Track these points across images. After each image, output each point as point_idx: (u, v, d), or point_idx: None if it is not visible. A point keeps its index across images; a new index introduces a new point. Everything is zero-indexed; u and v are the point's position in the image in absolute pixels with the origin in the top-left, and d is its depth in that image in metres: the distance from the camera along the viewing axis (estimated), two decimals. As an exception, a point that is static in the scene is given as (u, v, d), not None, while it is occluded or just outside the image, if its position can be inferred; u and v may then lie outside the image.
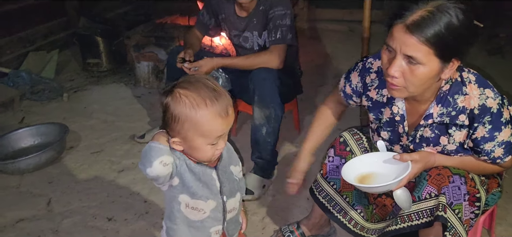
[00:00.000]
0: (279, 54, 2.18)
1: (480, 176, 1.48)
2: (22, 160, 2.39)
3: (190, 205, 1.21)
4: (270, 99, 2.09)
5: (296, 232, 1.85)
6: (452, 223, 1.37)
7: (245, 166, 2.44)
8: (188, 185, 1.19)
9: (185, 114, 1.12)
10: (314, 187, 1.73)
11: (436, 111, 1.37)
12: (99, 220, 2.06)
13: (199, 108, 1.12)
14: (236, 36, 2.38)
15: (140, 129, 2.88)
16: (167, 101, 1.14)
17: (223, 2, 2.35)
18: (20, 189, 2.32)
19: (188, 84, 1.15)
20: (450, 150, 1.42)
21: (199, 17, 2.49)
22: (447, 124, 1.38)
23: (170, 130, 1.16)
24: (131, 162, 2.51)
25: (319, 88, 3.47)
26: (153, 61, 3.50)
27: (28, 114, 3.15)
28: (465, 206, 1.38)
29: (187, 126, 1.13)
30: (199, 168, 1.21)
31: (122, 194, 2.23)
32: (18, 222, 2.07)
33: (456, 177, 1.39)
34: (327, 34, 4.91)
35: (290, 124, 2.88)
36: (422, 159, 1.39)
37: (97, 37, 3.80)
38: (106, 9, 4.81)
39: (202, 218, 1.24)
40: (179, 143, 1.17)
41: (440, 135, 1.41)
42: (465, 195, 1.38)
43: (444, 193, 1.37)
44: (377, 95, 1.51)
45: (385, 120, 1.51)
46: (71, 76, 3.83)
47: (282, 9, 2.17)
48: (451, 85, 1.35)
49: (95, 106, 3.25)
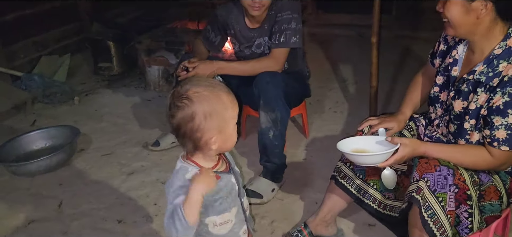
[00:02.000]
0: (280, 58, 2.19)
1: (472, 177, 1.47)
2: (33, 163, 2.42)
3: (218, 222, 1.21)
4: (275, 103, 2.10)
5: (304, 231, 1.86)
6: (431, 205, 1.40)
7: (254, 170, 2.45)
8: (214, 205, 1.19)
9: (211, 105, 1.12)
10: (336, 173, 1.79)
11: (480, 69, 1.43)
12: (108, 223, 2.08)
13: (217, 92, 1.14)
14: (247, 47, 2.37)
15: (150, 132, 2.90)
16: (190, 110, 1.11)
17: (232, 18, 2.35)
18: (31, 191, 2.34)
19: (188, 84, 1.15)
20: (470, 110, 1.45)
21: (205, 33, 2.48)
22: (480, 83, 1.42)
23: (201, 136, 1.13)
24: (141, 165, 2.53)
25: (328, 93, 3.47)
26: (163, 65, 3.53)
27: (40, 116, 3.20)
28: (450, 196, 1.40)
29: (216, 116, 1.13)
30: (222, 182, 1.20)
31: (132, 196, 2.25)
32: (30, 224, 2.09)
33: (444, 168, 1.42)
34: (336, 39, 4.91)
35: (299, 128, 2.88)
36: (411, 144, 1.46)
37: (108, 42, 3.84)
38: (118, 14, 4.87)
39: (231, 227, 1.24)
40: (216, 140, 1.15)
41: (471, 92, 1.46)
42: (451, 186, 1.41)
43: (426, 179, 1.41)
44: (451, 40, 1.63)
45: (445, 65, 1.61)
46: (83, 80, 3.88)
47: (289, 13, 2.18)
48: (503, 50, 1.40)
49: (105, 109, 3.28)
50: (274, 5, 2.21)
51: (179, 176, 1.15)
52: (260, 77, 2.13)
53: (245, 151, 2.63)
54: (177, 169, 1.18)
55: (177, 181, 1.14)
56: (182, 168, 1.17)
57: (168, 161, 2.55)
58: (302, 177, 2.37)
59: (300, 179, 2.35)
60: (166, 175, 2.41)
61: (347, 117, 3.05)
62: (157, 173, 2.44)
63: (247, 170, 2.47)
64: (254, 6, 2.14)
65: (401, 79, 3.69)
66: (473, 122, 1.46)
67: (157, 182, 2.36)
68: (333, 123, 2.96)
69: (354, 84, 3.63)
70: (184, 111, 1.11)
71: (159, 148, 2.64)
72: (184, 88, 1.14)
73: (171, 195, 1.13)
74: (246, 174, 2.43)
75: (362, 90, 3.43)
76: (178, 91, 1.14)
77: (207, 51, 2.49)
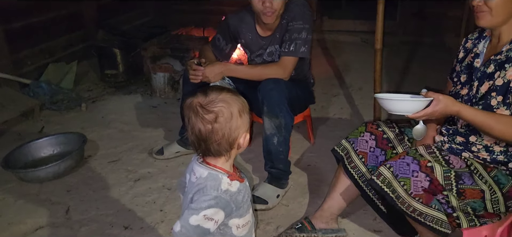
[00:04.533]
0: (288, 66, 2.21)
1: (447, 172, 1.54)
2: (41, 169, 2.44)
3: (241, 225, 1.26)
4: (278, 109, 2.11)
5: (305, 222, 1.94)
6: (391, 183, 1.53)
7: (259, 176, 2.46)
8: (240, 209, 1.24)
9: (238, 104, 1.20)
10: (348, 163, 1.83)
11: (507, 48, 1.50)
12: (115, 228, 2.09)
13: (233, 93, 1.21)
14: (259, 56, 2.38)
15: (156, 138, 2.93)
16: (229, 111, 1.18)
17: (243, 27, 2.36)
18: (39, 197, 2.36)
19: (209, 92, 1.20)
20: (498, 86, 1.49)
21: (215, 41, 2.48)
22: (508, 58, 1.48)
23: (237, 135, 1.20)
24: (147, 171, 2.55)
25: (333, 99, 3.48)
26: (169, 72, 3.56)
27: (48, 123, 3.23)
28: (414, 181, 1.52)
29: (244, 113, 1.21)
30: (243, 186, 1.25)
31: (139, 203, 2.27)
32: (38, 230, 2.11)
33: (409, 158, 1.56)
34: (340, 45, 4.93)
35: (304, 134, 2.90)
36: (444, 100, 1.46)
37: (114, 49, 3.88)
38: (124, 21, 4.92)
39: (249, 228, 1.30)
40: (245, 135, 1.23)
41: (497, 71, 1.50)
42: (414, 172, 1.53)
43: (388, 165, 1.56)
44: (470, 44, 1.70)
45: (466, 63, 1.66)
46: (89, 87, 3.92)
47: (301, 23, 2.19)
48: None
49: (112, 116, 3.31)
50: (286, 14, 2.23)
51: (212, 185, 1.19)
52: (264, 84, 2.15)
53: (250, 157, 2.64)
54: (204, 176, 1.21)
55: (212, 191, 1.18)
56: (212, 175, 1.21)
57: (174, 167, 2.57)
58: (307, 183, 2.38)
59: (305, 185, 2.37)
60: (172, 181, 2.43)
61: (352, 123, 3.06)
62: (163, 180, 2.46)
63: (252, 176, 2.48)
64: (266, 13, 2.14)
65: (405, 85, 3.70)
66: (501, 98, 1.49)
67: (164, 189, 2.38)
68: (338, 129, 2.97)
69: (358, 90, 3.64)
70: (224, 113, 1.17)
71: (162, 157, 2.66)
72: (211, 95, 1.19)
73: (203, 203, 1.16)
74: (251, 180, 2.45)
75: (366, 96, 3.45)
76: (204, 100, 1.19)
77: (215, 57, 2.50)
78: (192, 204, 1.18)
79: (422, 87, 1.56)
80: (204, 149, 1.21)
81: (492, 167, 1.57)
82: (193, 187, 1.21)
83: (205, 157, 1.24)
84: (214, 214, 1.17)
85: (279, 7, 2.14)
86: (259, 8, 2.15)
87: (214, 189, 1.17)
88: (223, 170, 1.22)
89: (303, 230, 1.92)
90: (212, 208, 1.16)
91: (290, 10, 2.22)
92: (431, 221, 1.48)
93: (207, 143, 1.18)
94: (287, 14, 2.22)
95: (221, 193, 1.18)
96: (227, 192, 1.19)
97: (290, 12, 2.22)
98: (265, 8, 2.12)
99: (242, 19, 2.36)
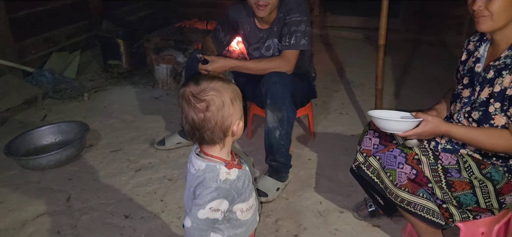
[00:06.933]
0: (291, 59, 2.22)
1: (433, 165, 1.56)
2: (43, 157, 2.45)
3: (244, 209, 1.28)
4: (282, 102, 2.12)
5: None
6: (379, 173, 1.60)
7: (259, 168, 2.48)
8: (242, 194, 1.26)
9: (231, 91, 1.19)
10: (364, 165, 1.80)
11: (505, 54, 1.51)
12: (116, 217, 2.11)
13: (224, 81, 1.21)
14: (257, 49, 2.40)
15: (158, 129, 2.94)
16: (220, 99, 1.17)
17: (242, 19, 2.38)
18: (41, 184, 2.38)
19: (201, 81, 1.20)
20: (496, 93, 1.50)
21: (215, 32, 2.52)
22: (506, 66, 1.49)
23: (230, 123, 1.20)
24: (148, 162, 2.57)
25: (334, 94, 3.49)
26: (172, 64, 3.57)
27: (50, 112, 3.25)
28: (399, 172, 1.56)
29: (236, 100, 1.20)
30: (242, 172, 1.26)
31: (139, 192, 2.29)
32: (38, 217, 2.13)
33: (397, 150, 1.60)
34: (342, 42, 4.93)
35: (305, 128, 2.91)
36: (433, 121, 1.49)
37: (118, 40, 3.89)
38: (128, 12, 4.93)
39: (254, 211, 1.33)
40: (238, 124, 1.22)
41: (497, 77, 1.51)
42: (400, 164, 1.57)
43: (378, 157, 1.63)
44: (472, 46, 1.70)
45: (468, 67, 1.67)
46: (92, 77, 3.93)
47: (298, 16, 2.20)
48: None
49: (114, 106, 3.33)
50: (283, 7, 2.24)
51: (211, 177, 1.20)
52: (268, 77, 2.16)
53: (251, 150, 2.66)
54: (202, 169, 1.22)
55: (212, 183, 1.19)
56: (210, 166, 1.21)
57: (175, 158, 2.59)
58: (307, 177, 2.40)
59: (305, 179, 2.38)
60: (173, 172, 2.45)
61: (353, 118, 3.07)
62: (164, 170, 2.48)
63: (253, 168, 2.50)
64: (258, 6, 2.16)
65: (407, 82, 3.70)
66: (498, 105, 1.50)
67: (165, 179, 2.39)
68: (339, 124, 2.99)
69: (360, 86, 3.65)
70: (215, 102, 1.17)
71: (164, 147, 2.68)
72: (202, 84, 1.18)
73: (206, 196, 1.18)
74: (252, 172, 2.46)
75: (368, 92, 3.45)
76: (196, 89, 1.18)
77: (216, 49, 2.53)
78: (196, 200, 1.20)
79: (422, 86, 1.57)
80: (198, 138, 1.22)
81: (487, 163, 1.57)
82: (193, 179, 1.23)
83: (201, 146, 1.26)
84: (218, 204, 1.19)
85: (272, 0, 2.16)
86: (252, 1, 2.17)
87: (213, 180, 1.19)
88: (220, 159, 1.23)
89: None
90: (215, 199, 1.18)
91: (286, 3, 2.24)
92: (421, 210, 1.52)
93: (200, 131, 1.19)
94: (283, 7, 2.24)
95: (221, 183, 1.19)
96: (227, 181, 1.20)
97: (286, 5, 2.23)
98: (258, 0, 2.14)
99: (242, 11, 2.39)
